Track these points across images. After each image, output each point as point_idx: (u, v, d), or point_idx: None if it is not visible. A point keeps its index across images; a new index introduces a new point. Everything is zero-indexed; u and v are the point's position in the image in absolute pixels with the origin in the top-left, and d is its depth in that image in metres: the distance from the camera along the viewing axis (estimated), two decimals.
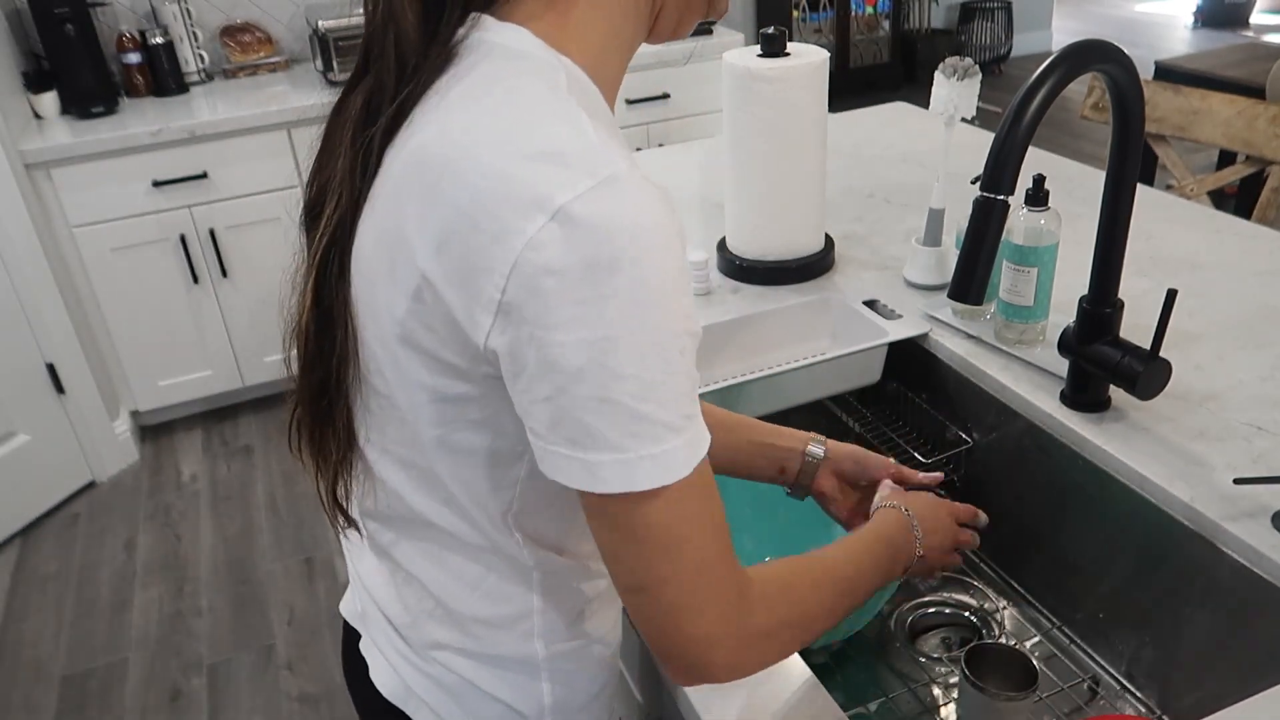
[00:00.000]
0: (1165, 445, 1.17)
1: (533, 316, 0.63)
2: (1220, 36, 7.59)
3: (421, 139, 0.69)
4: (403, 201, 0.69)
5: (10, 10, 3.21)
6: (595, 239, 0.61)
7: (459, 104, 0.69)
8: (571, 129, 0.66)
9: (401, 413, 0.77)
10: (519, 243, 0.62)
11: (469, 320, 0.66)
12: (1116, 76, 1.03)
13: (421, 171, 0.68)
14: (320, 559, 2.82)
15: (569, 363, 0.63)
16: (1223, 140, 2.17)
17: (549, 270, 0.62)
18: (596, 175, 0.63)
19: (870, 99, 2.72)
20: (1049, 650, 1.27)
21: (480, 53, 0.71)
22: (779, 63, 1.46)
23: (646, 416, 0.65)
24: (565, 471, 0.68)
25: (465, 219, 0.64)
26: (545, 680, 0.88)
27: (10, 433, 2.94)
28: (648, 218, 0.63)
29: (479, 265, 0.64)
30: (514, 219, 0.62)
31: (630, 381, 0.64)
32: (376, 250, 0.73)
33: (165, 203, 3.09)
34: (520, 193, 0.63)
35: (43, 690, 2.45)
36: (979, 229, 0.98)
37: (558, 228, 0.61)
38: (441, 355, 0.70)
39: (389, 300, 0.71)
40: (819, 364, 1.41)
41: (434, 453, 0.78)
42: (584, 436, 0.65)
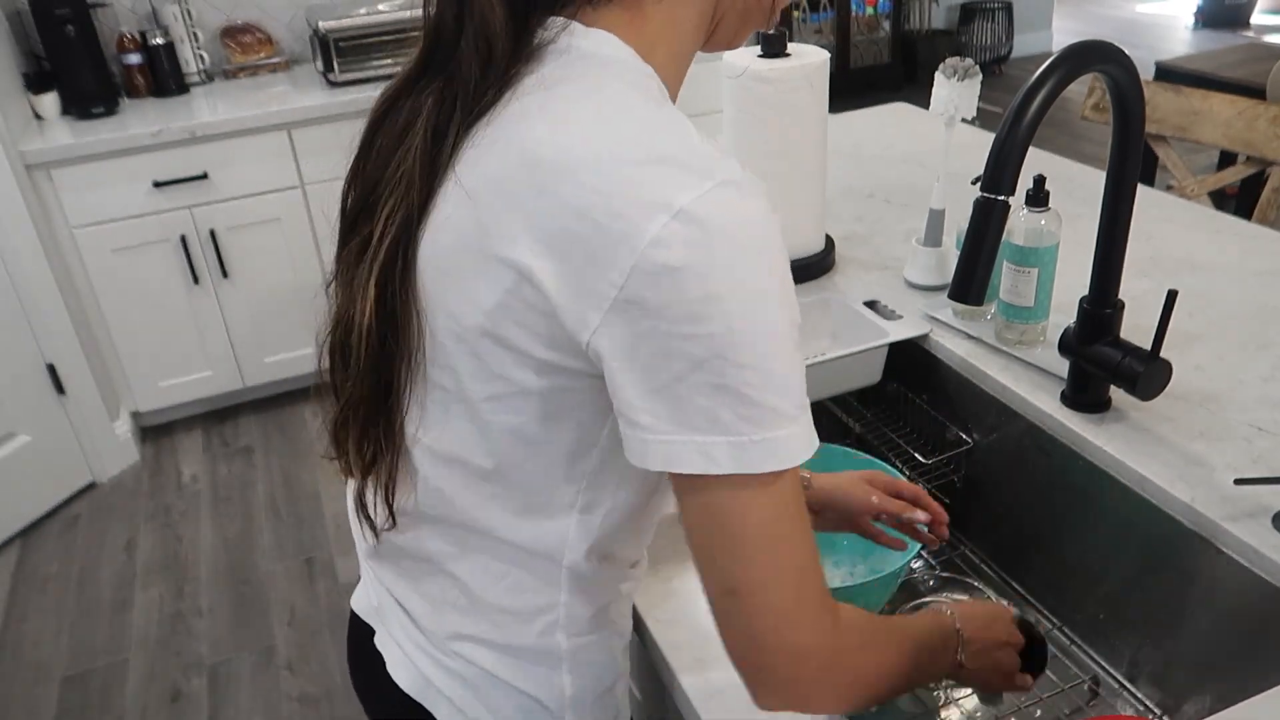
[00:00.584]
0: (1166, 446, 1.17)
1: (656, 310, 0.64)
2: (1221, 37, 7.58)
3: (523, 139, 0.70)
4: (503, 200, 0.69)
5: (11, 11, 3.21)
6: (717, 237, 0.64)
7: (565, 107, 0.70)
8: (682, 135, 0.68)
9: (470, 406, 0.77)
10: (641, 241, 0.64)
11: (575, 317, 0.67)
12: (1117, 77, 1.03)
13: (531, 172, 0.68)
14: (321, 559, 2.82)
15: (691, 354, 0.65)
16: (1223, 141, 2.17)
17: (671, 267, 0.63)
18: (715, 177, 0.65)
19: (870, 99, 2.72)
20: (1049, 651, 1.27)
21: (573, 56, 0.72)
22: (779, 63, 1.46)
23: (763, 404, 0.66)
24: (677, 456, 0.68)
25: (584, 219, 0.65)
26: (566, 672, 0.89)
27: (10, 433, 2.94)
28: (762, 216, 0.66)
29: (596, 263, 0.65)
30: (636, 218, 0.64)
31: (749, 372, 0.65)
32: (459, 246, 0.72)
33: (166, 203, 3.09)
34: (642, 194, 0.64)
35: (43, 691, 2.45)
36: (979, 229, 0.98)
37: (680, 226, 0.63)
38: (530, 350, 0.71)
39: (474, 295, 0.72)
40: (819, 364, 1.41)
41: (503, 445, 0.78)
42: (700, 421, 0.66)
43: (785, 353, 0.67)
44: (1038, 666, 1.03)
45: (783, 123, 1.49)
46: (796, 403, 0.69)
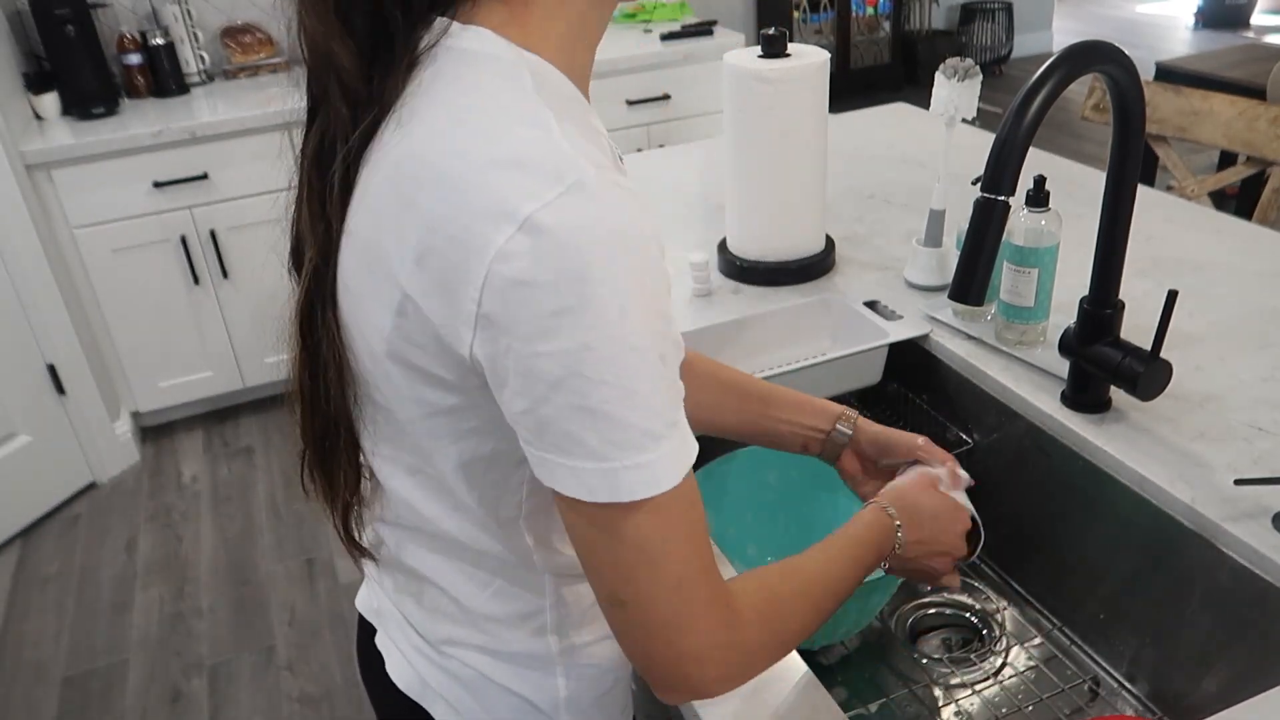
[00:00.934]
0: (1166, 446, 1.17)
1: (508, 328, 0.63)
2: (1221, 37, 7.58)
3: (395, 153, 0.68)
4: (381, 219, 0.68)
5: (11, 11, 3.21)
6: (564, 248, 0.61)
7: (427, 115, 0.68)
8: (538, 133, 0.65)
9: (403, 425, 0.77)
10: (489, 254, 0.61)
11: (452, 334, 0.66)
12: (1117, 77, 1.03)
13: (396, 187, 0.67)
14: (321, 560, 2.82)
15: (547, 373, 0.62)
16: (1223, 141, 2.17)
17: (520, 281, 0.61)
18: (564, 181, 0.62)
19: (871, 100, 2.72)
20: (1050, 651, 1.27)
21: (445, 59, 0.69)
22: (780, 63, 1.46)
23: (629, 425, 0.64)
24: (554, 476, 0.67)
25: (439, 233, 0.64)
26: (560, 675, 0.89)
27: (11, 433, 2.94)
28: (617, 223, 0.62)
29: (456, 278, 0.63)
30: (484, 230, 0.62)
31: (610, 389, 0.63)
32: (360, 271, 0.72)
33: (166, 204, 3.09)
34: (488, 203, 0.62)
35: (43, 691, 2.45)
36: (980, 230, 0.98)
37: (526, 238, 0.61)
38: (431, 370, 0.70)
39: (376, 319, 0.71)
40: (820, 365, 1.41)
41: (440, 461, 0.78)
42: (569, 444, 0.65)
43: (648, 367, 0.64)
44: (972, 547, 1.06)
45: (783, 123, 1.49)
46: (666, 420, 0.66)
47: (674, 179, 2.14)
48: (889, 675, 1.25)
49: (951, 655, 1.26)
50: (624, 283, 0.62)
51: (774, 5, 5.68)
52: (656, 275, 0.65)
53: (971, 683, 1.22)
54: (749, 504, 1.34)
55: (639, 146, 3.60)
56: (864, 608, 1.21)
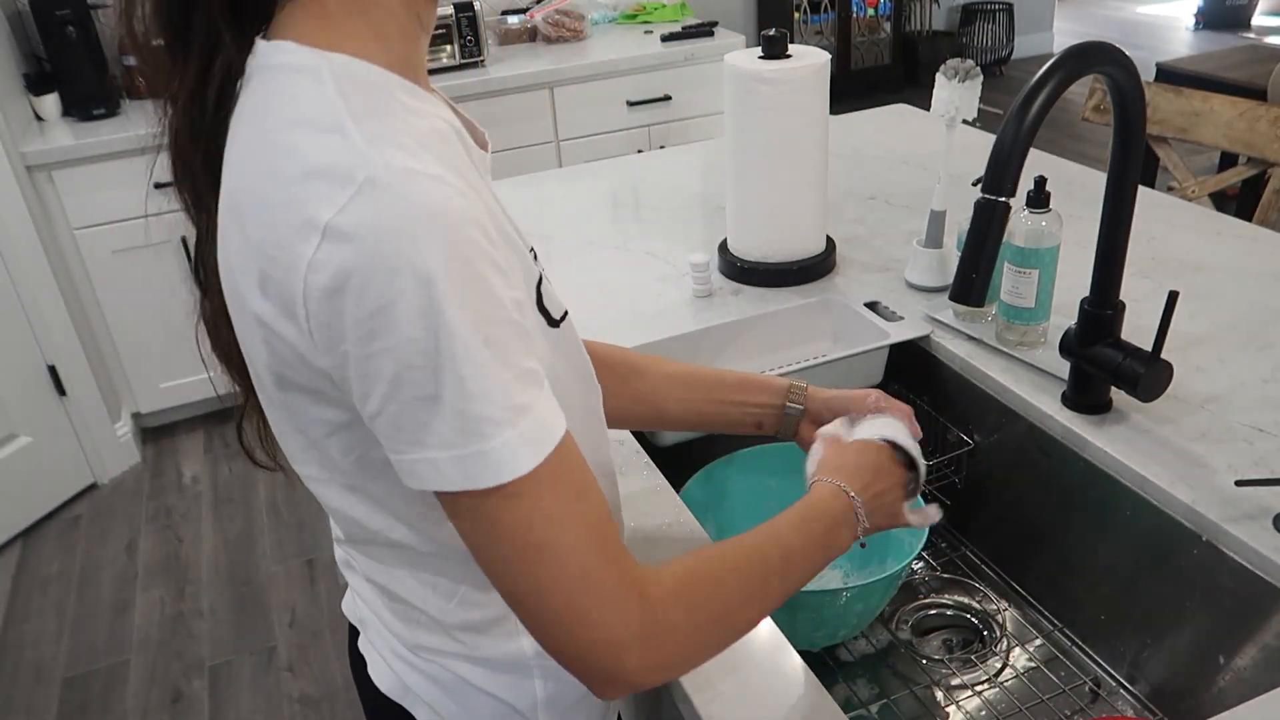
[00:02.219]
0: (1167, 447, 1.17)
1: (339, 337, 0.63)
2: (1221, 38, 7.58)
3: (227, 187, 0.69)
4: (229, 255, 0.69)
5: (11, 12, 3.21)
6: (364, 249, 0.60)
7: (243, 141, 0.68)
8: (333, 137, 0.63)
9: (318, 446, 0.77)
10: (303, 268, 0.62)
11: (307, 350, 0.66)
12: (1118, 78, 1.03)
13: (232, 216, 0.68)
14: (322, 560, 2.82)
15: (384, 372, 0.63)
16: (1224, 142, 2.17)
17: (333, 290, 0.61)
18: (354, 182, 0.61)
19: (871, 101, 2.72)
20: (1050, 652, 1.27)
21: (256, 80, 0.69)
22: (780, 64, 1.47)
23: (468, 413, 0.63)
24: (419, 474, 0.66)
25: (265, 256, 0.64)
26: (537, 677, 0.89)
27: (12, 434, 2.94)
28: (414, 212, 0.61)
29: (288, 297, 0.64)
30: (295, 245, 0.62)
31: (444, 377, 0.62)
32: (234, 308, 0.73)
33: (167, 205, 3.07)
34: (294, 218, 0.62)
35: (44, 692, 2.45)
36: (980, 231, 0.98)
37: (330, 246, 0.61)
38: (316, 387, 0.70)
39: (253, 352, 0.72)
40: (820, 366, 1.41)
41: (360, 476, 0.77)
42: (422, 435, 0.64)
43: (476, 353, 0.63)
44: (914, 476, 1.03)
45: (784, 124, 1.49)
46: (508, 405, 0.64)
47: (674, 180, 2.14)
48: (890, 676, 1.25)
49: (952, 656, 1.26)
50: (433, 269, 0.61)
51: (775, 6, 5.68)
52: (473, 256, 0.63)
53: (972, 683, 1.23)
54: (749, 505, 1.35)
55: (639, 147, 3.60)
56: (866, 609, 1.21)
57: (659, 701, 1.10)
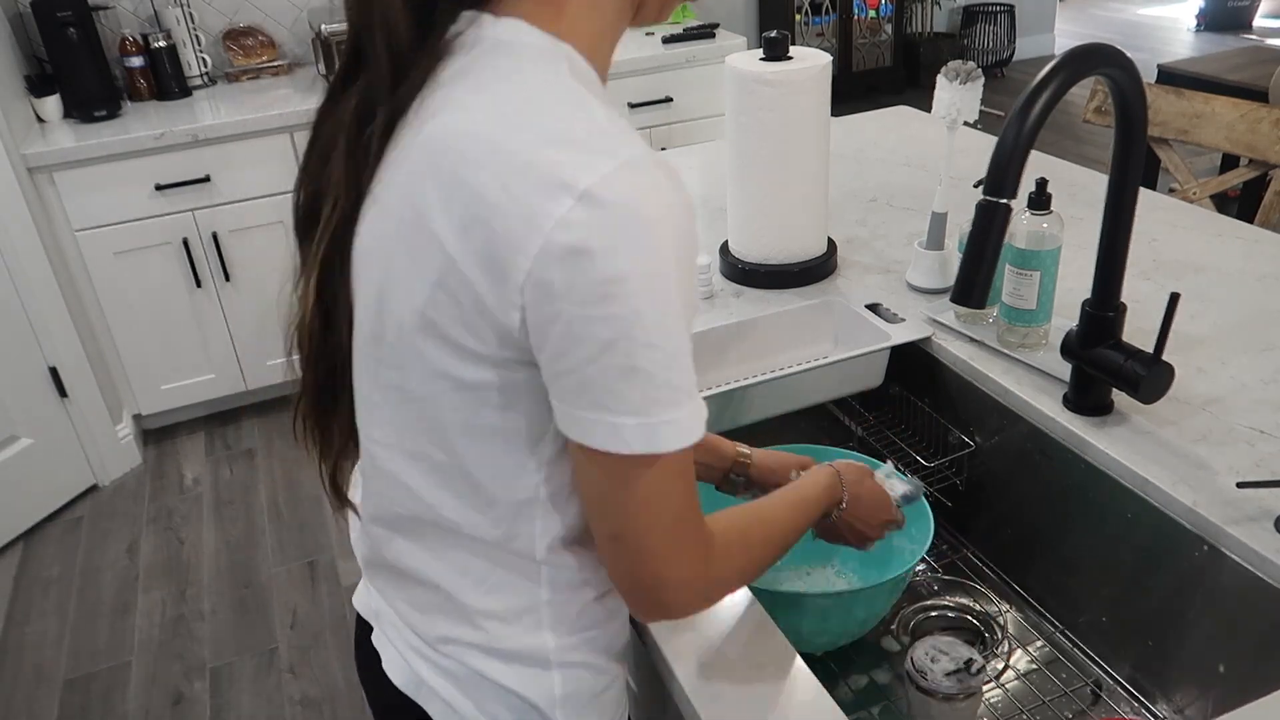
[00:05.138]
0: (1168, 449, 1.17)
1: (562, 293, 0.66)
2: (1223, 40, 7.59)
3: (434, 131, 0.71)
4: (421, 192, 0.71)
5: (13, 14, 3.22)
6: (620, 219, 0.65)
7: (470, 96, 0.71)
8: (585, 114, 0.69)
9: (421, 403, 0.79)
10: (547, 224, 0.65)
11: (499, 301, 0.69)
12: (1119, 80, 1.03)
13: (439, 161, 0.70)
14: (323, 562, 2.82)
15: (598, 336, 0.67)
16: (1225, 144, 2.17)
17: (577, 250, 0.65)
18: (617, 158, 0.66)
19: (873, 103, 2.72)
20: (1052, 654, 1.27)
21: (483, 47, 0.73)
22: (782, 66, 1.47)
23: (667, 384, 0.70)
24: (590, 432, 0.71)
25: (489, 204, 0.67)
26: (556, 672, 0.89)
27: (13, 436, 2.94)
28: (667, 197, 0.67)
29: (508, 247, 0.67)
30: (541, 202, 0.65)
31: (655, 351, 0.68)
32: (390, 243, 0.75)
33: (168, 206, 3.10)
34: (545, 177, 0.66)
35: (45, 694, 2.45)
36: (982, 232, 0.98)
37: (584, 209, 0.65)
38: (465, 342, 0.73)
39: (408, 290, 0.74)
40: (821, 368, 1.40)
41: (458, 440, 0.79)
42: (611, 401, 0.69)
43: (684, 333, 0.70)
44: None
45: (785, 126, 1.49)
46: (693, 380, 0.72)
47: None
48: (891, 677, 1.25)
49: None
50: (671, 253, 0.67)
51: (776, 8, 5.68)
52: (693, 247, 0.70)
53: None
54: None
55: None
56: (869, 614, 1.21)
57: (663, 703, 1.10)
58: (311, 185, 0.82)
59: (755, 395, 1.38)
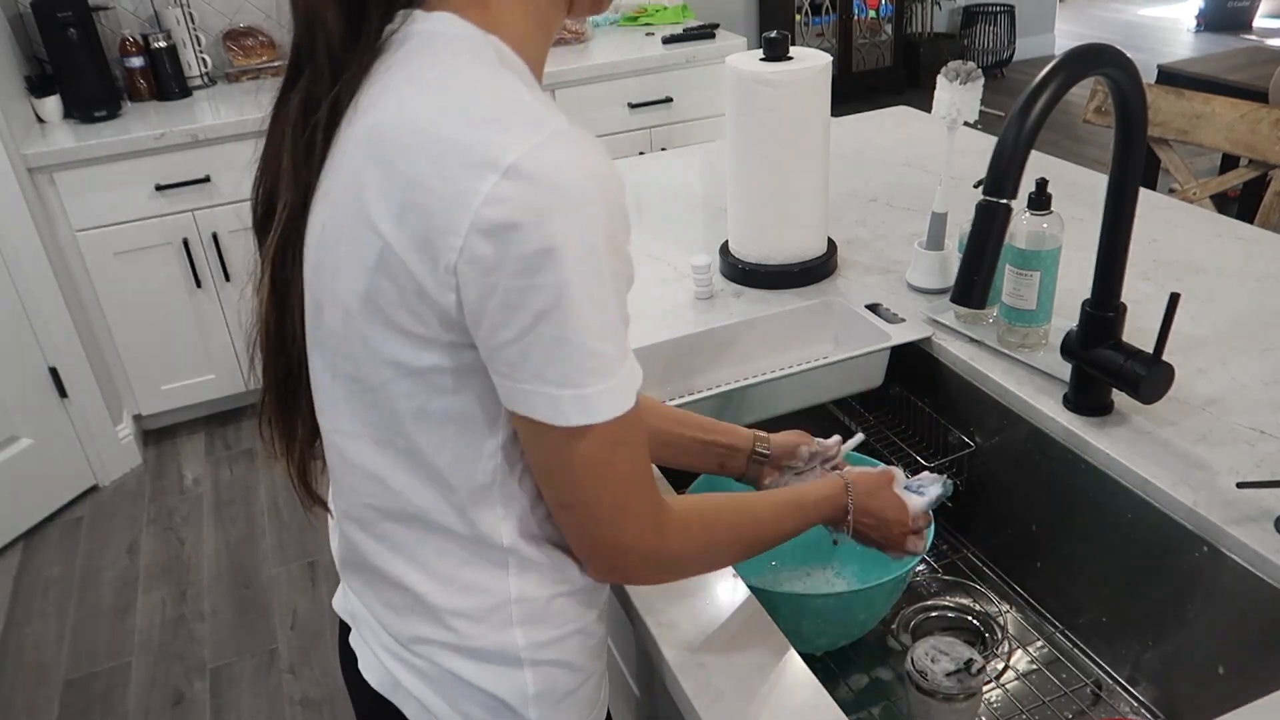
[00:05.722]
0: (1168, 449, 1.17)
1: (496, 266, 0.68)
2: (1223, 40, 7.59)
3: (373, 120, 0.74)
4: (360, 182, 0.73)
5: (13, 14, 3.22)
6: (546, 190, 0.67)
7: (404, 86, 0.74)
8: (510, 94, 0.71)
9: (374, 393, 0.80)
10: (475, 201, 0.67)
11: (434, 283, 0.71)
12: (1119, 80, 1.03)
13: (376, 150, 0.72)
14: (323, 563, 2.82)
15: (531, 307, 0.69)
16: (1225, 144, 2.17)
17: (506, 224, 0.67)
18: (541, 132, 0.68)
19: (873, 103, 2.72)
20: (1052, 654, 1.27)
21: (415, 41, 0.76)
22: (782, 66, 1.47)
23: (599, 353, 0.71)
24: (530, 404, 0.73)
25: (421, 187, 0.69)
26: (528, 670, 0.89)
27: (13, 437, 2.94)
28: (593, 167, 0.69)
29: (439, 228, 0.69)
30: (468, 180, 0.67)
31: (587, 320, 0.70)
32: (334, 234, 0.77)
33: (168, 206, 3.10)
34: (470, 155, 0.68)
35: (45, 694, 2.45)
36: (982, 233, 0.98)
37: (509, 183, 0.67)
38: (410, 327, 0.74)
39: (351, 279, 0.75)
40: (821, 368, 1.41)
41: (412, 427, 0.80)
42: (548, 372, 0.71)
43: (616, 301, 0.72)
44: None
45: (785, 126, 1.49)
46: (624, 347, 0.74)
47: (676, 182, 2.14)
48: (891, 678, 1.24)
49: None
50: (601, 221, 0.69)
51: (776, 8, 5.69)
52: (624, 216, 0.72)
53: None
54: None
55: (641, 150, 3.60)
56: (869, 615, 1.21)
57: (660, 702, 1.10)
58: (268, 183, 0.84)
59: (755, 395, 1.38)
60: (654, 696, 1.15)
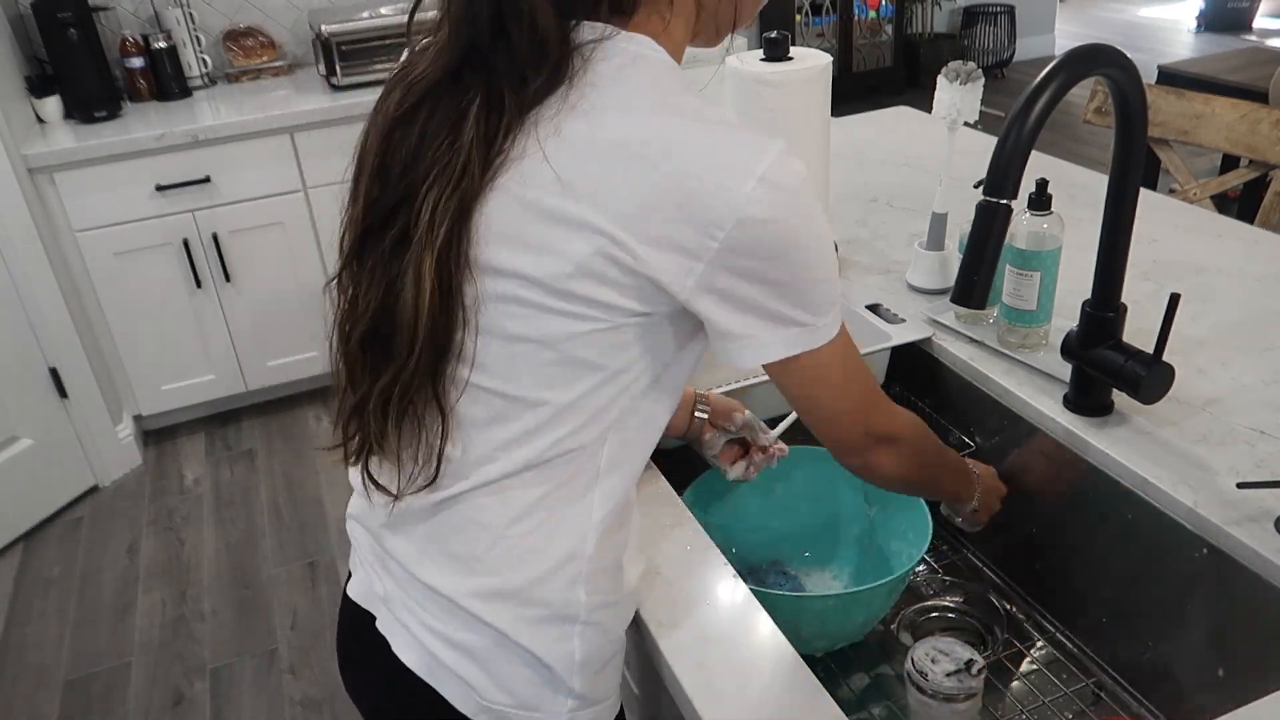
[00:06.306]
0: (1168, 449, 1.17)
1: (749, 252, 0.81)
2: (1223, 41, 7.59)
3: (610, 127, 0.81)
4: (584, 177, 0.80)
5: (14, 15, 3.22)
6: (790, 194, 0.81)
7: (636, 96, 0.83)
8: (722, 112, 0.85)
9: (538, 347, 0.84)
10: (740, 200, 0.79)
11: (673, 273, 0.81)
12: (1119, 81, 1.03)
13: (616, 153, 0.80)
14: (323, 563, 2.82)
15: (777, 279, 0.83)
16: (1225, 144, 2.17)
17: (763, 220, 0.80)
18: (775, 147, 0.81)
19: (873, 103, 2.72)
20: (1052, 654, 1.27)
21: (626, 57, 0.85)
22: (782, 67, 1.47)
23: (828, 298, 0.88)
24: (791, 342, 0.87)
25: (682, 188, 0.79)
26: (577, 635, 0.92)
27: (13, 437, 2.94)
28: (806, 172, 0.83)
29: (694, 223, 0.79)
30: (732, 183, 0.79)
31: (819, 283, 0.86)
32: (529, 218, 0.81)
33: (168, 207, 3.10)
34: (733, 162, 0.80)
35: (45, 695, 2.45)
36: (982, 233, 0.98)
37: (765, 188, 0.79)
38: (613, 301, 0.82)
39: (552, 255, 0.81)
40: None
41: (560, 373, 0.85)
42: (790, 318, 0.86)
43: (833, 262, 0.88)
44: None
45: (785, 126, 1.49)
46: (839, 286, 0.91)
47: None
48: (891, 678, 1.25)
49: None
50: (818, 210, 0.85)
51: (776, 8, 5.69)
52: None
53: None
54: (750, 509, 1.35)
55: None
56: (869, 616, 1.22)
57: (660, 703, 1.10)
58: (403, 176, 0.84)
59: (755, 396, 1.38)
60: (654, 697, 1.15)
